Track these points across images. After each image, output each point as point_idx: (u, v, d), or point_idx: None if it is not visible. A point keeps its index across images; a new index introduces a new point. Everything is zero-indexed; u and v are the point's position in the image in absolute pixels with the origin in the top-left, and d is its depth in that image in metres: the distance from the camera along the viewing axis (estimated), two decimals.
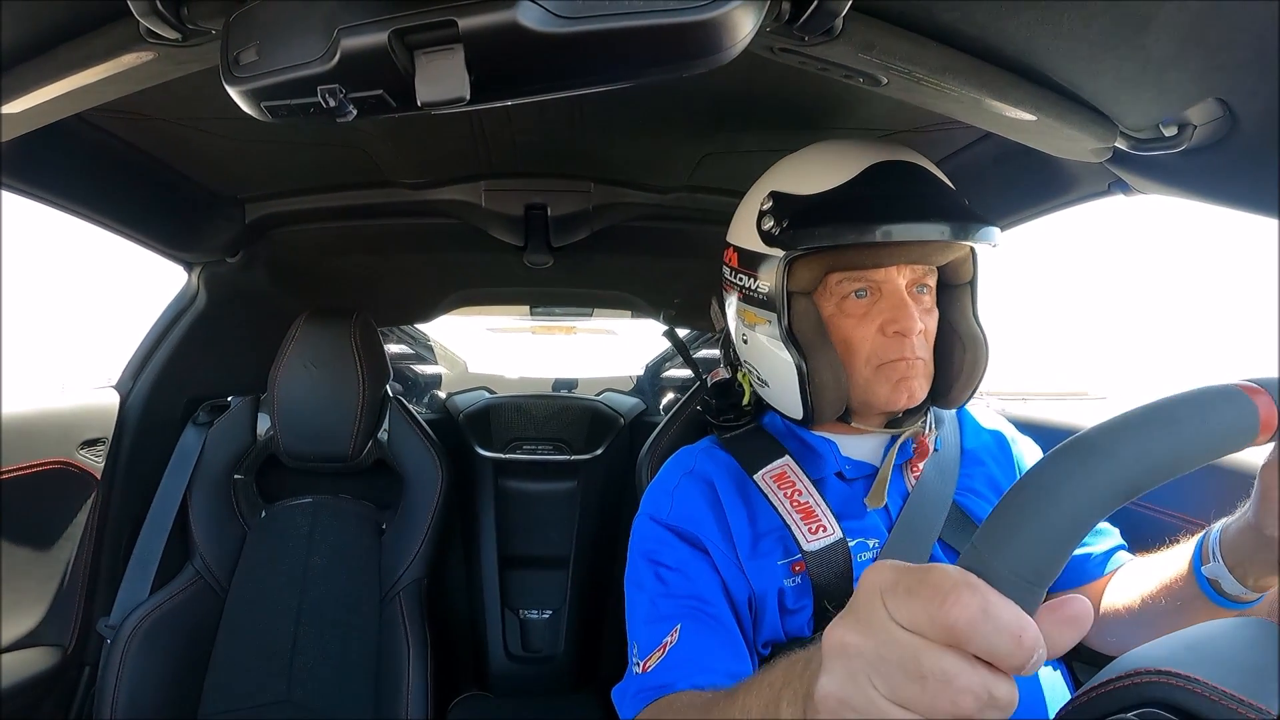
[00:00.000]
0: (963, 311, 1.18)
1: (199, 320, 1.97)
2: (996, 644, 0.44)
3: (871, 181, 1.07)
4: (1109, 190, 1.26)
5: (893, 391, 1.10)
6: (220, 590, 1.87)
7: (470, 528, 2.59)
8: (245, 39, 0.68)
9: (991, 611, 0.44)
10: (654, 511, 1.18)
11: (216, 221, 1.81)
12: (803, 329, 1.11)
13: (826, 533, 1.08)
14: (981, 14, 0.81)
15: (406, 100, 0.68)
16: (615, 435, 2.72)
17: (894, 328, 1.08)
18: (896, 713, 0.46)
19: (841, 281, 1.10)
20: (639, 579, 1.14)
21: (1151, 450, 0.51)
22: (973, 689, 0.44)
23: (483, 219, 1.81)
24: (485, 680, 2.50)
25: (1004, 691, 0.45)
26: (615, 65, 0.69)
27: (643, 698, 1.00)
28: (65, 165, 1.37)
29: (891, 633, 0.47)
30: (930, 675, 0.45)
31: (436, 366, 3.61)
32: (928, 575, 0.47)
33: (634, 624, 1.11)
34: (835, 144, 1.15)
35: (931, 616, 0.45)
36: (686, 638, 1.02)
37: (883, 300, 1.09)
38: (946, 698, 0.44)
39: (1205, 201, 1.02)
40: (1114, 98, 0.93)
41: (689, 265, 2.15)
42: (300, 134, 1.47)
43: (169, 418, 1.96)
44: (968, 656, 0.44)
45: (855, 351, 1.11)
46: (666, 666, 1.01)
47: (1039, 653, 0.44)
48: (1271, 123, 0.83)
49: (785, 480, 1.14)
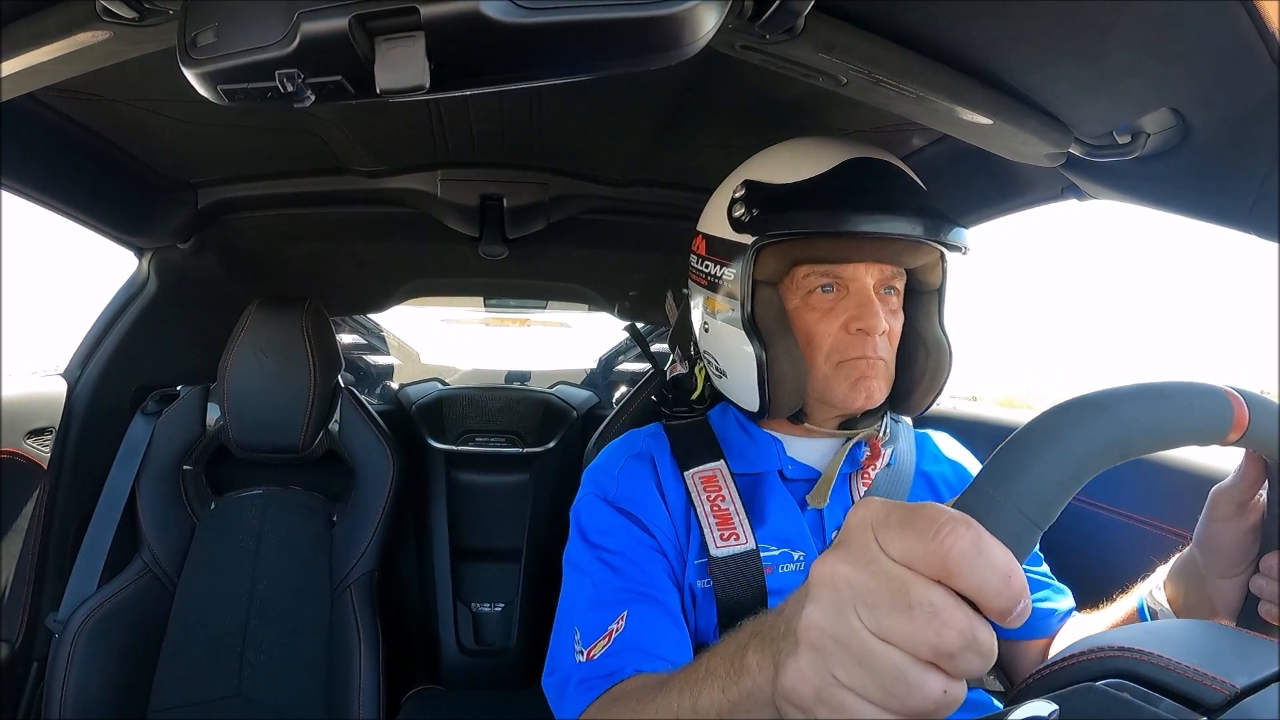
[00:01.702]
0: (928, 318, 1.17)
1: (149, 307, 1.93)
2: (986, 579, 0.44)
3: (846, 175, 1.07)
4: (1062, 194, 1.29)
5: (851, 389, 1.08)
6: (169, 583, 1.85)
7: (422, 520, 2.57)
8: (203, 20, 0.68)
9: (984, 548, 0.44)
10: (599, 490, 1.16)
11: (168, 206, 1.78)
12: (765, 318, 1.09)
13: (738, 541, 1.07)
14: (942, 18, 0.83)
15: (365, 87, 0.68)
16: (568, 428, 2.71)
17: (857, 325, 1.06)
18: (879, 646, 0.45)
19: (809, 275, 1.09)
20: (580, 561, 1.11)
21: (1146, 417, 0.54)
22: (958, 624, 0.44)
23: (438, 209, 1.81)
24: (438, 673, 2.49)
25: (986, 637, 0.45)
26: (577, 57, 0.69)
27: (589, 687, 0.96)
28: (13, 145, 1.33)
29: (881, 564, 0.46)
30: (917, 606, 0.44)
31: (389, 357, 3.58)
32: (923, 509, 0.47)
33: (574, 608, 1.07)
34: (813, 139, 1.15)
35: (925, 547, 0.45)
36: (633, 624, 0.99)
37: (849, 297, 1.08)
38: (931, 630, 0.44)
39: (1156, 208, 1.04)
40: (1070, 104, 0.95)
41: (644, 259, 2.16)
42: (256, 119, 1.45)
43: (117, 407, 1.92)
44: (955, 594, 0.44)
45: (817, 346, 1.09)
46: (613, 653, 0.97)
47: (1024, 602, 0.44)
48: (1223, 133, 0.86)
49: (712, 484, 1.13)
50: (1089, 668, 0.56)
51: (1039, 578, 1.17)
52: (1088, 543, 1.35)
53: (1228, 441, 0.61)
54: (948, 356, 1.16)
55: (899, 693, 0.45)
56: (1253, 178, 0.85)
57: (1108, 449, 0.51)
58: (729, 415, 1.24)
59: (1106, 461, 0.51)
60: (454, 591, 2.54)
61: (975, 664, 0.45)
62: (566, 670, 1.02)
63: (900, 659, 0.45)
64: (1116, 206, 1.14)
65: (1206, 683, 0.50)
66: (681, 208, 1.79)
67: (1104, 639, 0.57)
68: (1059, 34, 0.81)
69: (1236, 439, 0.61)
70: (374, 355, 3.50)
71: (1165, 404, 0.56)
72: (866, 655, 0.46)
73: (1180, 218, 1.01)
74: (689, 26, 0.65)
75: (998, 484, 0.48)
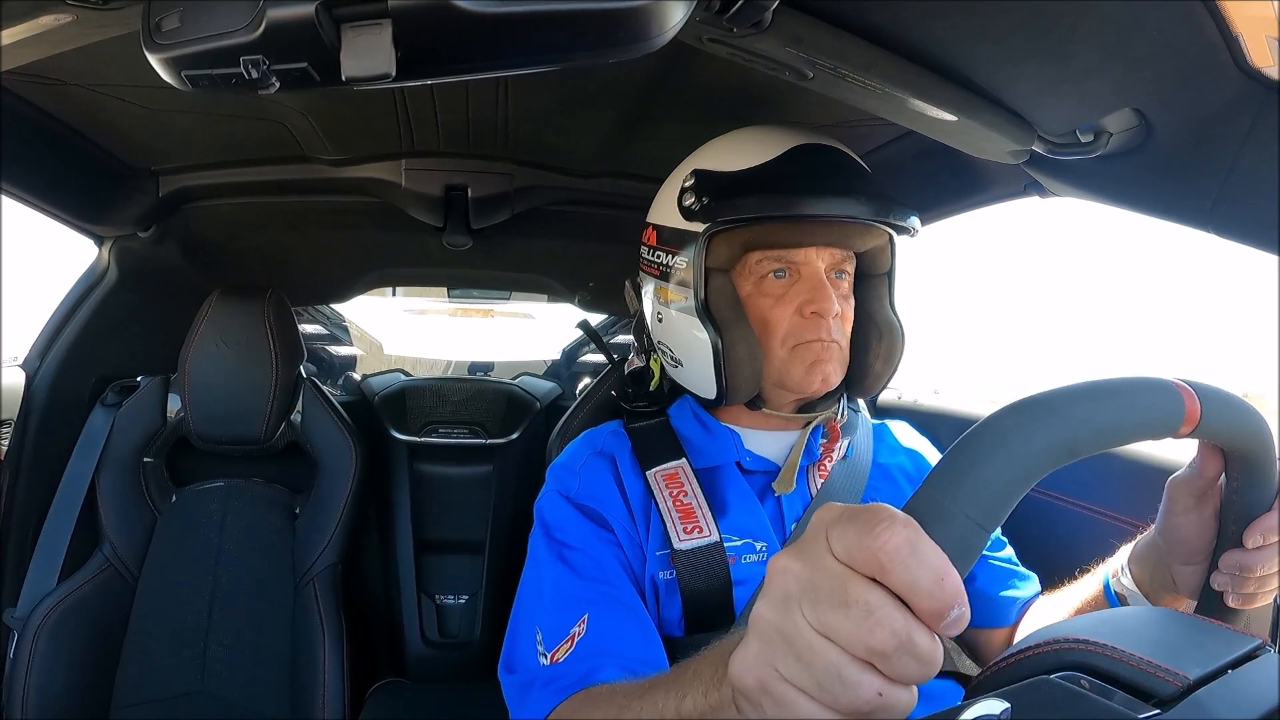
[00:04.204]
0: (880, 301, 1.19)
1: (109, 297, 1.91)
2: (919, 578, 0.44)
3: (795, 161, 1.09)
4: (1025, 191, 1.31)
5: (807, 373, 1.10)
6: (130, 578, 1.82)
7: (385, 512, 2.56)
8: (168, 4, 0.66)
9: (919, 546, 0.45)
10: (560, 488, 1.17)
11: (129, 194, 1.75)
12: (719, 306, 1.11)
13: (702, 534, 1.08)
14: (908, 15, 0.84)
15: (331, 74, 0.67)
16: (531, 419, 2.70)
17: (811, 308, 1.08)
18: (818, 641, 0.46)
19: (761, 260, 1.10)
20: (540, 559, 1.11)
21: (1094, 417, 0.55)
22: (892, 624, 0.44)
23: (402, 198, 1.80)
24: (402, 666, 2.48)
25: (924, 641, 0.45)
26: (544, 48, 0.69)
27: (556, 690, 0.95)
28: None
29: (825, 561, 0.48)
30: (854, 604, 0.45)
31: (352, 348, 3.55)
32: (870, 508, 0.48)
33: (535, 607, 1.08)
34: (759, 128, 1.16)
35: (861, 543, 0.46)
36: (596, 627, 0.99)
37: (801, 281, 1.10)
38: (865, 628, 0.44)
39: (1118, 206, 1.05)
40: (1034, 102, 0.97)
41: (608, 250, 2.16)
42: (219, 105, 1.44)
43: (76, 398, 1.89)
44: (893, 596, 0.45)
45: (772, 331, 1.11)
46: (579, 657, 0.97)
47: (959, 609, 0.45)
48: (1185, 134, 0.87)
49: (674, 480, 1.14)
50: (1044, 660, 0.57)
51: (1003, 565, 1.19)
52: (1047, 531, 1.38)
53: (1180, 435, 0.62)
54: (900, 338, 1.19)
55: (833, 689, 0.46)
56: (1214, 178, 0.87)
57: (1056, 450, 0.52)
58: (686, 409, 1.25)
59: (1056, 462, 0.52)
60: (418, 584, 2.53)
61: (912, 668, 0.45)
62: (530, 671, 1.02)
63: (837, 656, 0.46)
64: (1080, 203, 1.16)
65: (1159, 674, 0.51)
66: (647, 200, 1.79)
67: (1060, 630, 0.58)
68: (1024, 33, 0.82)
69: (1189, 431, 0.62)
70: (337, 346, 3.47)
71: (1114, 401, 0.58)
72: (806, 650, 0.47)
73: (1142, 216, 1.03)
74: (657, 19, 0.65)
75: (944, 489, 0.49)
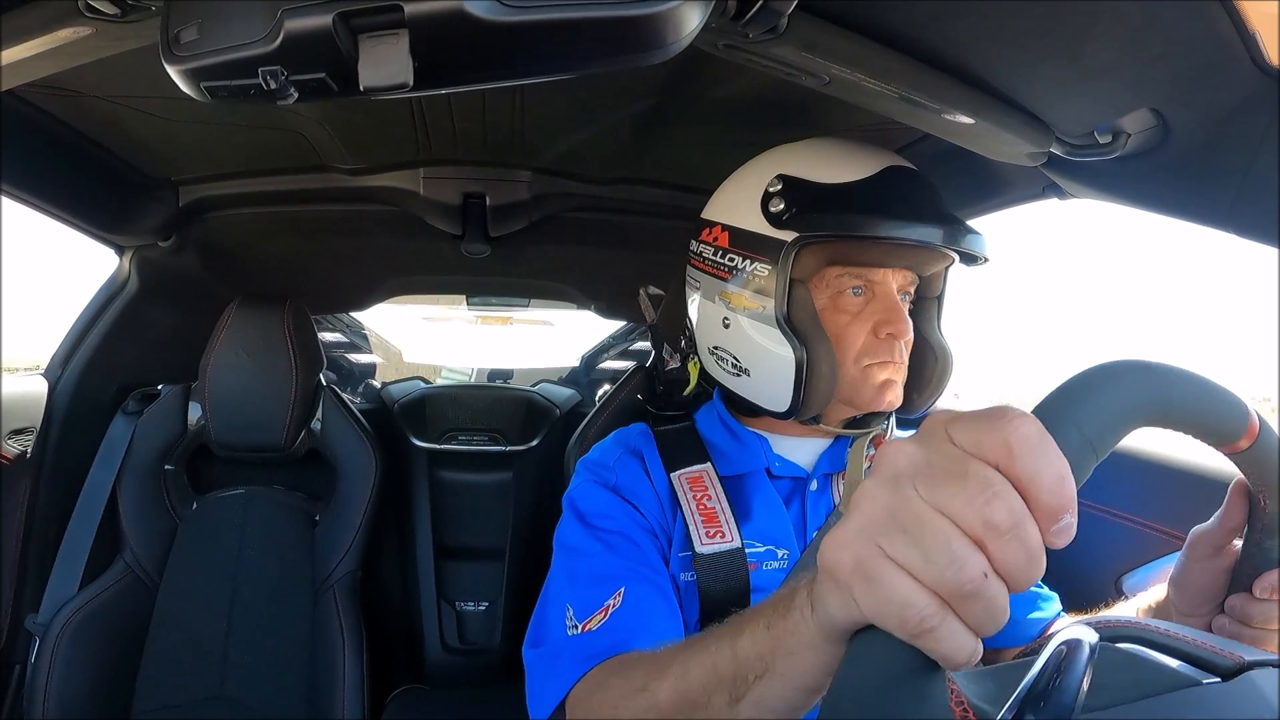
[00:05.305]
0: (931, 323, 1.19)
1: (130, 306, 1.92)
2: (1043, 469, 0.45)
3: (888, 181, 1.08)
4: (1044, 193, 1.30)
5: (878, 392, 1.09)
6: (151, 584, 1.83)
7: (405, 519, 2.57)
8: (186, 16, 0.67)
9: (1046, 442, 0.46)
10: (597, 477, 1.16)
11: (149, 204, 1.77)
12: (800, 318, 1.08)
13: (724, 539, 1.08)
14: (923, 18, 0.83)
15: (349, 84, 0.67)
16: (550, 426, 2.71)
17: (887, 329, 1.07)
18: (928, 513, 0.45)
19: (841, 275, 1.09)
20: (574, 542, 1.10)
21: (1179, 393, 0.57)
22: (1009, 501, 0.44)
23: (420, 207, 1.80)
24: (422, 673, 2.48)
25: (1035, 535, 0.44)
26: (560, 56, 0.69)
27: (586, 657, 0.93)
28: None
29: (943, 445, 0.47)
30: (973, 477, 0.45)
31: (371, 355, 3.57)
32: (993, 408, 0.47)
33: (568, 585, 1.05)
34: (841, 141, 1.15)
35: (991, 429, 0.46)
36: (631, 601, 0.98)
37: (876, 301, 1.09)
38: (982, 499, 0.44)
39: (1138, 207, 1.04)
40: (1051, 104, 0.96)
41: (625, 256, 2.17)
42: (237, 116, 1.45)
43: (98, 406, 1.91)
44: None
45: (845, 349, 1.09)
46: (611, 628, 0.95)
47: (1070, 517, 0.45)
48: (1203, 133, 0.86)
49: (699, 484, 1.13)
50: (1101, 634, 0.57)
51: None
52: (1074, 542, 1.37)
53: (1238, 448, 0.64)
54: (951, 361, 1.18)
55: (940, 562, 0.44)
56: (1232, 176, 0.86)
57: (1151, 408, 0.55)
58: (713, 415, 1.25)
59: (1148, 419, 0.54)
60: (438, 590, 2.54)
61: (1019, 556, 0.44)
62: (556, 643, 0.99)
63: (948, 528, 0.44)
64: (1100, 205, 1.15)
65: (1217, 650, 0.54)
66: (664, 206, 1.80)
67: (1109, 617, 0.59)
68: (1039, 34, 0.82)
69: (1247, 445, 0.64)
70: (356, 353, 3.49)
71: (1202, 391, 0.60)
72: (915, 523, 0.45)
73: (1162, 217, 1.02)
74: (673, 26, 0.65)
75: (1066, 403, 0.50)
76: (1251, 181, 0.85)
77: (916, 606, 0.44)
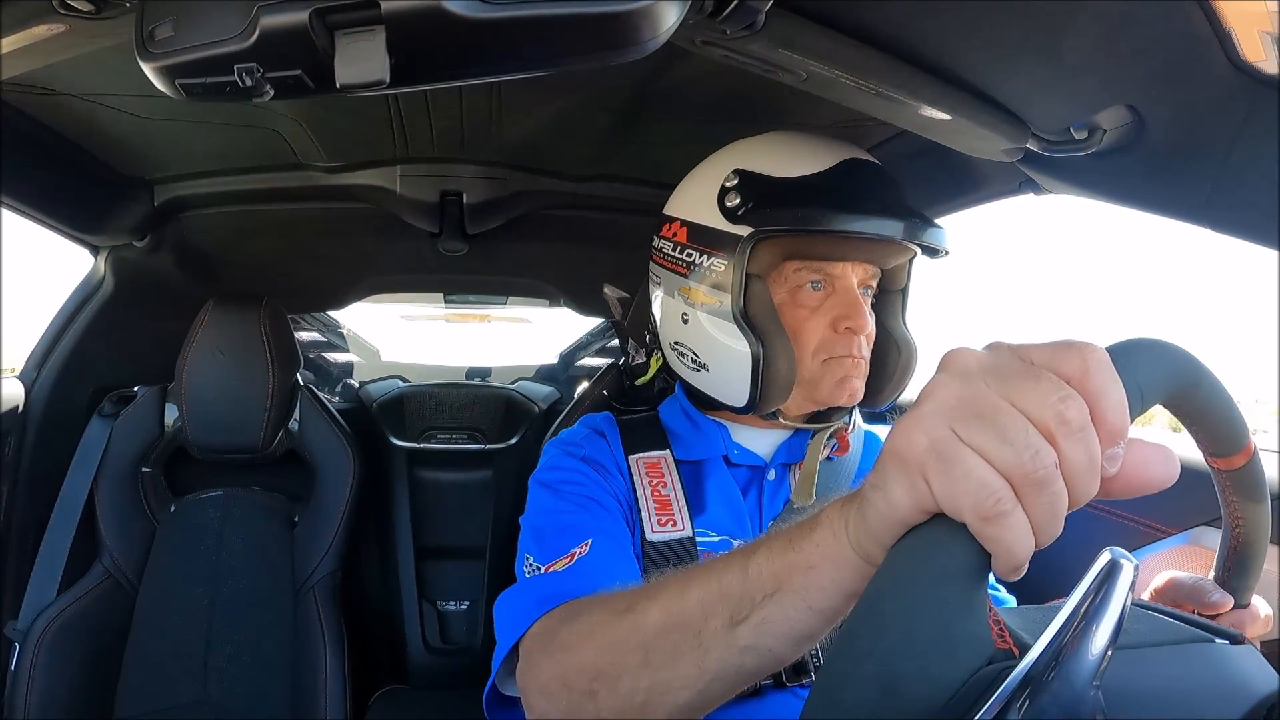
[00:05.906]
0: (895, 317, 1.19)
1: (105, 307, 1.91)
2: (1111, 390, 0.46)
3: (846, 174, 1.07)
4: (1020, 189, 1.31)
5: (837, 387, 1.09)
6: (130, 588, 1.82)
7: (385, 519, 2.55)
8: (161, 13, 0.66)
9: (1114, 373, 0.47)
10: (565, 450, 1.17)
11: (124, 203, 1.75)
12: (757, 313, 1.08)
13: (675, 527, 1.08)
14: (900, 14, 0.83)
15: (325, 81, 0.67)
16: (530, 424, 2.70)
17: (846, 324, 1.08)
18: (1004, 405, 0.46)
19: (799, 270, 1.09)
20: (540, 503, 1.10)
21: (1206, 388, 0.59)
22: (1080, 406, 0.45)
23: (397, 205, 1.80)
24: (404, 673, 2.47)
25: (1095, 444, 0.46)
26: (538, 53, 0.69)
27: (545, 598, 0.90)
28: None
29: (1013, 357, 0.49)
30: (1045, 379, 0.46)
31: (348, 354, 3.55)
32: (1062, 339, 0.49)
33: (536, 538, 1.04)
34: (798, 134, 1.15)
35: (1070, 346, 0.47)
36: (599, 550, 0.97)
37: (835, 295, 1.09)
38: (1058, 396, 0.45)
39: (1113, 202, 1.05)
40: (1027, 100, 0.96)
41: (603, 253, 2.17)
42: (213, 114, 1.44)
43: (74, 409, 1.89)
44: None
45: (804, 343, 1.09)
46: (576, 573, 0.94)
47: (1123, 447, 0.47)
48: (1178, 129, 0.87)
49: (655, 470, 1.14)
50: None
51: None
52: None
53: (1232, 463, 0.67)
54: (916, 354, 1.18)
55: (1018, 444, 0.45)
56: (1208, 172, 0.87)
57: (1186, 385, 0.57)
58: (675, 406, 1.25)
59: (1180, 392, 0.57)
60: (418, 590, 2.53)
61: (1083, 458, 0.45)
62: (521, 586, 0.98)
63: (1022, 418, 0.45)
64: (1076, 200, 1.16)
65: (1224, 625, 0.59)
66: (641, 203, 1.80)
67: None
68: (1015, 31, 0.82)
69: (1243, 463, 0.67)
70: (333, 353, 3.47)
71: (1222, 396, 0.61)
72: (991, 409, 0.46)
73: (1138, 212, 1.02)
74: (650, 22, 0.65)
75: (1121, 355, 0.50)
76: (1226, 177, 0.86)
77: (993, 487, 0.45)
